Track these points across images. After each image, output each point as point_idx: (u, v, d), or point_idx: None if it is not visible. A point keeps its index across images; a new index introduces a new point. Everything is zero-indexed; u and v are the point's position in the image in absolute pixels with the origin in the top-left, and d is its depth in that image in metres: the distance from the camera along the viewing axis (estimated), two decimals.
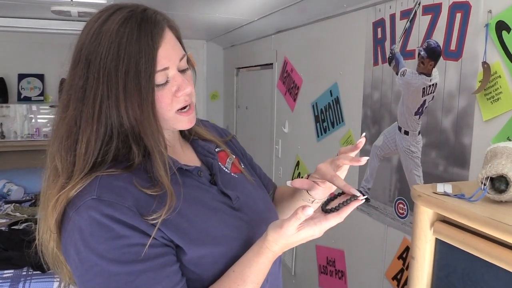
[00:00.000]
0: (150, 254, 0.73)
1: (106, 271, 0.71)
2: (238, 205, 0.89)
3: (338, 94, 2.14)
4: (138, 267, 0.72)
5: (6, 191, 3.34)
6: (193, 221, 0.79)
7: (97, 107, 0.75)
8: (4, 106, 3.82)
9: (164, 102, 0.78)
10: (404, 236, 1.69)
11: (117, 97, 0.74)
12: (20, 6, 2.61)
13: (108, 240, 0.71)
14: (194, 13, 2.77)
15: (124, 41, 0.74)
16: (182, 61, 0.81)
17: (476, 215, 0.77)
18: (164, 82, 0.78)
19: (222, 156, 0.99)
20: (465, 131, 1.38)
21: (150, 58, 0.75)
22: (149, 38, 0.75)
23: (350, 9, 1.98)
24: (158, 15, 0.79)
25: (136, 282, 0.71)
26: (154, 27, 0.76)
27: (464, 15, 1.37)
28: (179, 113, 0.81)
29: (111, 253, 0.71)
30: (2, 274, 2.05)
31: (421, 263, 0.91)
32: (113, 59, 0.73)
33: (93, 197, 0.73)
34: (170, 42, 0.79)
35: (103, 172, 0.76)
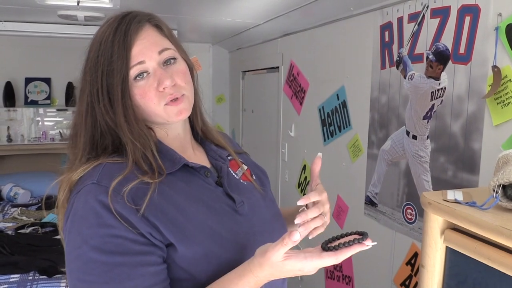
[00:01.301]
0: (130, 249, 0.73)
1: (85, 256, 0.72)
2: (242, 210, 0.88)
3: (345, 97, 2.12)
4: (115, 259, 0.72)
5: (13, 195, 3.35)
6: (191, 217, 0.79)
7: (84, 106, 0.83)
8: (11, 109, 3.84)
9: (148, 97, 0.81)
10: (412, 242, 1.67)
11: (97, 95, 0.81)
12: (28, 11, 2.62)
13: (95, 226, 0.73)
14: (200, 17, 2.77)
15: (102, 44, 0.81)
16: (163, 55, 0.83)
17: (488, 223, 0.75)
18: (143, 76, 0.81)
19: (234, 164, 0.99)
20: (474, 136, 1.36)
21: (122, 56, 0.79)
22: (122, 37, 0.80)
23: (357, 12, 1.97)
24: (139, 16, 0.84)
25: (110, 274, 0.71)
26: (130, 26, 0.81)
27: (474, 18, 1.35)
28: (168, 105, 0.83)
29: (94, 239, 0.72)
30: (8, 279, 2.04)
31: (431, 271, 0.89)
32: (94, 61, 0.81)
33: (93, 182, 0.76)
34: (147, 38, 0.82)
35: (108, 159, 0.81)
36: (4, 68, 3.82)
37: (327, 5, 2.06)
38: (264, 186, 1.02)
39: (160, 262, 0.76)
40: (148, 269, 0.73)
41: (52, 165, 3.99)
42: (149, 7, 1.04)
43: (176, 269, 0.77)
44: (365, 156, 1.96)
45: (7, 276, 2.06)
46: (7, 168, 3.87)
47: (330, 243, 0.77)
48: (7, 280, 2.03)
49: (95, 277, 0.72)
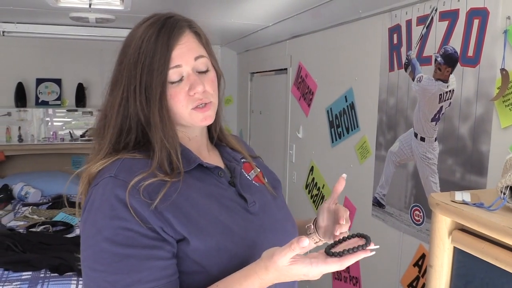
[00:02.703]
0: (140, 243, 0.76)
1: (98, 245, 0.76)
2: (254, 209, 0.91)
3: (353, 99, 2.14)
4: (124, 251, 0.75)
5: (24, 194, 3.39)
6: (204, 212, 0.82)
7: (118, 99, 0.86)
8: (21, 110, 3.89)
9: (177, 99, 0.85)
10: (420, 243, 1.68)
11: (134, 91, 0.84)
12: (40, 13, 2.66)
13: (108, 218, 0.76)
14: (209, 18, 2.79)
15: (145, 42, 0.84)
16: (199, 62, 0.87)
17: (496, 224, 0.76)
18: (178, 79, 0.85)
19: (247, 167, 1.02)
20: (482, 138, 1.37)
21: (164, 57, 0.83)
22: (165, 39, 0.83)
23: (366, 14, 1.98)
24: (181, 21, 0.88)
25: (119, 264, 0.75)
26: (173, 30, 0.85)
27: (482, 21, 1.36)
28: (196, 110, 0.87)
29: (107, 230, 0.75)
30: (20, 276, 2.08)
31: (439, 271, 0.91)
32: (135, 58, 0.84)
33: (110, 175, 0.80)
34: (187, 43, 0.86)
35: (127, 155, 0.84)
36: (16, 69, 3.87)
37: (335, 8, 2.08)
38: (276, 190, 1.04)
39: (168, 257, 0.78)
40: (155, 263, 0.76)
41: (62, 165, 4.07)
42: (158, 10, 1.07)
43: (189, 263, 0.80)
44: (373, 157, 1.97)
45: (19, 274, 2.10)
46: (18, 167, 3.93)
47: (333, 248, 0.78)
48: (19, 277, 2.06)
49: (105, 266, 0.75)
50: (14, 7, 2.53)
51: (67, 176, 3.86)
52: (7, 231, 2.56)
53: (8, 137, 3.86)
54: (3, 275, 2.08)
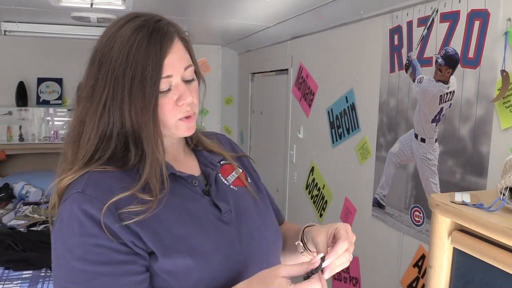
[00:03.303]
0: (112, 259, 0.73)
1: (69, 264, 0.73)
2: (229, 219, 0.87)
3: (354, 100, 2.14)
4: (97, 269, 0.72)
5: (25, 193, 3.40)
6: (172, 228, 0.79)
7: (101, 106, 0.79)
8: (22, 109, 3.90)
9: (166, 109, 0.81)
10: (420, 244, 1.68)
11: (122, 99, 0.78)
12: (42, 12, 2.67)
13: (78, 235, 0.73)
14: (210, 19, 2.80)
15: (134, 48, 0.77)
16: (187, 71, 0.83)
17: (495, 225, 0.76)
18: (167, 89, 0.80)
19: (227, 169, 0.98)
20: (483, 140, 1.37)
21: (157, 65, 0.78)
22: (158, 47, 0.78)
23: (367, 15, 1.99)
24: (170, 27, 0.83)
25: (92, 283, 0.72)
26: (164, 37, 0.80)
27: (483, 23, 1.36)
28: (181, 120, 0.83)
29: (77, 248, 0.72)
30: (21, 275, 2.08)
31: (439, 272, 0.91)
32: (122, 64, 0.77)
33: (78, 191, 0.76)
34: (177, 52, 0.81)
35: (96, 168, 0.80)
36: (17, 68, 3.88)
37: (337, 9, 2.08)
38: (260, 192, 1.01)
39: (142, 271, 0.76)
40: (130, 279, 0.74)
41: None
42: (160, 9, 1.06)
43: (156, 278, 0.78)
44: (373, 158, 1.98)
45: (20, 272, 2.10)
46: (19, 166, 3.93)
47: None
48: (20, 276, 2.07)
49: (78, 285, 0.72)
50: (16, 6, 2.54)
51: None
52: (7, 230, 2.56)
53: (9, 136, 3.86)
54: (4, 274, 2.09)
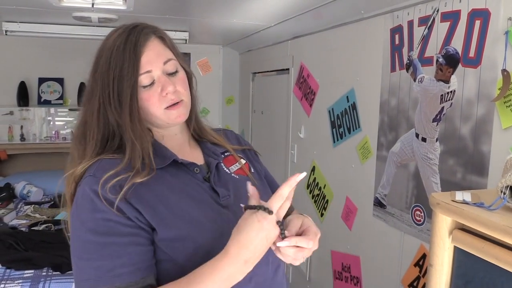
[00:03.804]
0: (120, 231, 0.84)
1: (83, 236, 0.84)
2: (226, 202, 0.96)
3: (354, 100, 2.14)
4: (107, 240, 0.83)
5: (26, 193, 3.40)
6: (171, 206, 0.89)
7: (97, 106, 0.92)
8: (24, 109, 3.90)
9: (151, 101, 0.92)
10: (421, 243, 1.69)
11: (109, 97, 0.91)
12: (43, 12, 2.67)
13: (90, 211, 0.84)
14: (211, 19, 2.80)
15: (114, 52, 0.91)
16: (167, 65, 0.94)
17: (495, 224, 0.77)
18: (150, 83, 0.92)
19: (230, 160, 1.07)
20: (483, 139, 1.38)
21: (133, 64, 0.90)
22: (132, 48, 0.90)
23: (368, 15, 1.99)
24: (146, 29, 0.94)
25: (102, 252, 0.83)
26: (139, 38, 0.91)
27: (484, 22, 1.36)
28: (168, 109, 0.93)
29: (90, 223, 0.84)
30: (23, 274, 2.09)
31: (439, 270, 0.91)
32: (106, 68, 0.91)
33: (90, 175, 0.88)
34: (154, 50, 0.92)
35: (106, 156, 0.92)
36: (18, 68, 3.89)
37: (337, 8, 2.08)
38: (261, 181, 1.09)
39: (146, 244, 0.86)
40: (136, 248, 0.84)
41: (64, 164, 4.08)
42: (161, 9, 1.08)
43: (157, 251, 0.87)
44: (374, 158, 1.98)
45: (22, 272, 2.11)
46: (20, 166, 3.94)
47: None
48: (22, 276, 2.07)
49: (90, 255, 0.83)
50: (17, 6, 2.54)
51: None
52: (9, 229, 2.57)
53: (10, 136, 3.87)
54: (5, 274, 2.09)
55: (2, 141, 3.85)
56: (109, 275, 0.82)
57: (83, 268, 0.84)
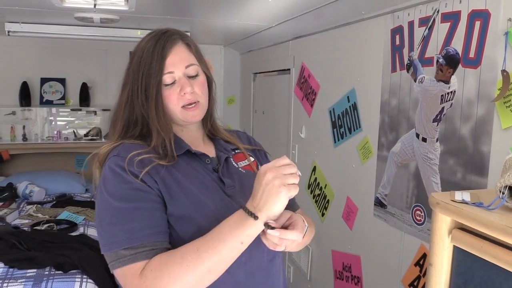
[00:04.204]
0: (145, 198, 0.95)
1: (111, 206, 0.94)
2: (231, 192, 1.06)
3: (355, 100, 2.15)
4: (134, 205, 0.94)
5: (28, 192, 3.42)
6: (183, 187, 1.00)
7: (125, 98, 1.07)
8: (26, 109, 3.92)
9: (171, 99, 1.05)
10: (421, 243, 1.69)
11: (137, 91, 1.05)
12: (45, 13, 2.68)
13: (117, 183, 0.96)
14: (213, 19, 2.81)
15: (145, 53, 1.05)
16: (189, 69, 1.06)
17: (494, 223, 0.77)
18: (171, 82, 1.05)
19: (240, 156, 1.18)
20: (483, 139, 1.38)
21: (159, 64, 1.03)
22: (160, 50, 1.03)
23: (368, 16, 2.00)
24: (175, 35, 1.07)
25: (131, 216, 0.93)
26: (167, 42, 1.05)
27: (484, 23, 1.37)
28: (185, 109, 1.06)
29: (118, 192, 0.95)
30: (25, 273, 2.10)
31: (439, 270, 0.92)
32: (137, 66, 1.05)
33: (114, 155, 1.01)
34: (179, 53, 1.06)
35: (128, 141, 1.05)
36: (21, 68, 3.90)
37: (338, 9, 2.09)
38: None
39: (165, 212, 0.97)
40: (159, 214, 0.96)
41: (66, 164, 4.10)
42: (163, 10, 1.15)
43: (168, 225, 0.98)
44: (375, 158, 1.99)
45: (24, 271, 2.12)
46: (23, 166, 3.95)
47: None
48: (24, 275, 2.09)
49: (120, 219, 0.93)
50: (19, 7, 2.55)
51: (71, 175, 3.89)
52: (11, 229, 2.58)
53: (13, 136, 3.89)
54: (8, 273, 2.10)
55: (4, 141, 3.87)
56: (137, 235, 0.91)
57: (113, 232, 0.93)
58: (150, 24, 3.04)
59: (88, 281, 2.11)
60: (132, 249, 0.91)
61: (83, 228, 2.81)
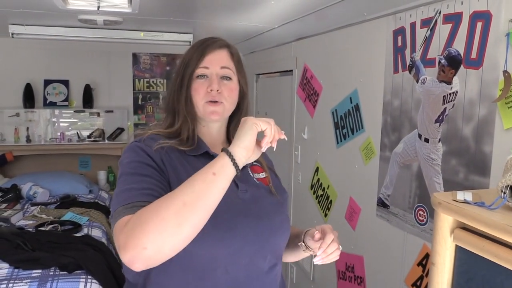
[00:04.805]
0: (153, 173, 1.00)
1: (121, 175, 1.01)
2: (243, 196, 1.08)
3: (358, 101, 2.16)
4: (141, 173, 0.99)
5: (32, 193, 3.44)
6: None
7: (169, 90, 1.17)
8: (30, 111, 3.94)
9: (198, 91, 1.11)
10: (424, 243, 1.70)
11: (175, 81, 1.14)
12: (49, 15, 2.70)
13: (131, 157, 1.03)
14: (215, 21, 2.82)
15: (190, 50, 1.15)
16: (223, 70, 1.13)
17: (496, 222, 0.78)
18: (203, 75, 1.11)
19: (256, 169, 1.20)
20: (485, 139, 1.39)
21: (197, 58, 1.11)
22: (201, 49, 1.12)
23: (370, 17, 2.01)
24: (222, 41, 1.16)
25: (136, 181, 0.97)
26: (211, 44, 1.13)
27: (485, 24, 1.38)
28: (207, 103, 1.10)
29: (129, 165, 1.01)
30: (30, 274, 2.12)
31: (441, 269, 0.93)
32: (182, 59, 1.15)
33: (136, 141, 1.08)
34: (219, 55, 1.13)
35: (156, 131, 1.13)
36: (24, 70, 3.93)
37: (340, 10, 2.10)
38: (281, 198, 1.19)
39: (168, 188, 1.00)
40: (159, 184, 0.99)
41: (69, 165, 4.12)
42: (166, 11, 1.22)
43: None
44: (378, 158, 1.99)
45: (29, 272, 2.14)
46: (27, 167, 3.98)
47: None
48: (29, 275, 2.10)
49: (126, 183, 0.98)
50: (23, 9, 2.57)
51: (74, 176, 3.91)
52: (16, 230, 2.60)
53: (16, 138, 3.91)
54: (14, 273, 2.12)
55: (8, 143, 3.90)
56: (135, 193, 0.95)
57: (118, 194, 0.97)
58: (153, 26, 3.06)
59: (92, 282, 2.12)
60: (130, 204, 0.92)
61: (87, 229, 2.82)
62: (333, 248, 1.07)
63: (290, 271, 3.06)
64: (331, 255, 1.08)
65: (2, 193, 3.34)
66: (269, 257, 1.08)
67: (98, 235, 2.76)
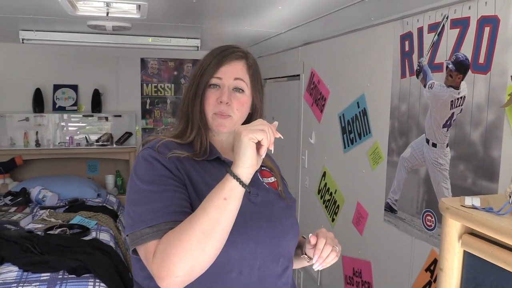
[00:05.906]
0: (171, 183, 1.00)
1: (140, 189, 1.00)
2: (254, 199, 1.09)
3: (365, 105, 2.16)
4: (160, 187, 0.99)
5: (41, 197, 3.47)
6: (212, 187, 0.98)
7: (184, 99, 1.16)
8: (39, 115, 3.98)
9: (208, 101, 1.11)
10: (432, 248, 1.69)
11: (190, 88, 1.13)
12: (59, 21, 2.73)
13: (147, 170, 1.02)
14: (223, 26, 2.84)
15: (208, 57, 1.14)
16: (236, 82, 1.12)
17: (504, 228, 0.78)
18: (215, 85, 1.11)
19: (265, 174, 1.21)
20: (494, 144, 1.38)
21: (213, 68, 1.10)
22: (219, 58, 1.11)
23: (378, 22, 2.01)
24: (241, 52, 1.15)
25: (157, 197, 0.97)
26: (231, 54, 1.12)
27: (493, 29, 1.38)
28: (216, 115, 1.10)
29: (147, 178, 1.00)
30: (39, 277, 2.13)
31: (449, 275, 0.93)
32: (199, 66, 1.14)
33: (149, 147, 1.07)
34: (234, 66, 1.12)
35: (168, 139, 1.12)
36: (34, 75, 3.98)
37: (348, 15, 2.10)
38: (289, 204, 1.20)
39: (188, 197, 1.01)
40: (183, 197, 1.00)
41: (78, 169, 4.15)
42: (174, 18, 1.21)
43: None
44: (385, 163, 1.99)
45: (38, 275, 2.15)
46: (36, 171, 4.02)
47: None
48: (38, 278, 2.12)
49: (147, 201, 0.98)
50: (34, 15, 2.60)
51: (83, 180, 3.94)
52: (25, 233, 2.62)
53: (26, 142, 3.95)
54: (23, 276, 2.14)
55: (18, 147, 3.94)
56: (161, 213, 0.95)
57: (139, 212, 0.97)
58: (162, 31, 3.08)
59: (100, 285, 2.14)
60: (155, 227, 0.94)
61: (95, 232, 2.84)
62: (327, 251, 1.08)
63: (297, 276, 3.06)
64: (328, 258, 1.09)
65: (11, 196, 3.38)
66: (282, 259, 1.09)
67: (106, 238, 2.78)
